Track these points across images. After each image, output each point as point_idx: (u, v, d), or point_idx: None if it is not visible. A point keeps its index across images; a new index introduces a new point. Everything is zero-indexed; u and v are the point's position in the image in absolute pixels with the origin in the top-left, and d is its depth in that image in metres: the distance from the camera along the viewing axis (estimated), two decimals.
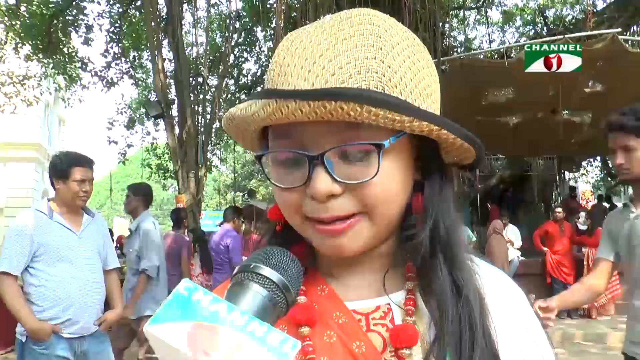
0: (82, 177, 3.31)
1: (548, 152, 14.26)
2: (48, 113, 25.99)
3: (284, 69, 0.67)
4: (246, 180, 29.33)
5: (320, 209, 0.67)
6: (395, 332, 0.69)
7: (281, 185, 0.69)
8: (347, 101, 0.60)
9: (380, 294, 0.73)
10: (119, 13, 14.81)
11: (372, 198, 0.66)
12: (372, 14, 0.70)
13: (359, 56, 0.64)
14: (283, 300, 0.60)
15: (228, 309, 0.53)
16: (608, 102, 8.96)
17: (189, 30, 13.85)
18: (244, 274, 0.60)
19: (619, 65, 7.66)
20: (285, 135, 0.67)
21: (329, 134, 0.65)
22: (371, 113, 0.61)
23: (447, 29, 13.79)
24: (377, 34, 0.67)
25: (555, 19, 16.45)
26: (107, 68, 15.09)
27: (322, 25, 0.69)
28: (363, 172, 0.65)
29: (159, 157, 17.73)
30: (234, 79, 16.91)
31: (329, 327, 0.71)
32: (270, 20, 14.31)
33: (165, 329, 0.51)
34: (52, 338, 3.16)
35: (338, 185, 0.65)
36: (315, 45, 0.66)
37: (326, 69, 0.64)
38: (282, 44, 0.70)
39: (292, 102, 0.62)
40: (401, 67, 0.66)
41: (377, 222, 0.69)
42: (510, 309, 0.74)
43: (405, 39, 0.70)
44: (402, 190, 0.70)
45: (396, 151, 0.67)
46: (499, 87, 9.35)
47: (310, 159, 0.65)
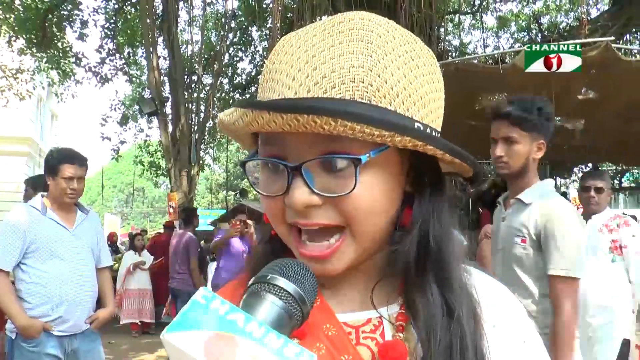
0: (71, 175, 3.26)
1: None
2: (41, 107, 25.82)
3: (272, 75, 0.67)
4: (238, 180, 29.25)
5: (299, 217, 0.66)
6: (385, 349, 0.68)
7: (264, 192, 0.69)
8: (320, 115, 0.58)
9: (371, 307, 0.72)
10: (114, 9, 14.77)
11: (351, 212, 0.65)
12: (366, 18, 0.67)
13: (345, 64, 0.62)
14: (299, 312, 0.60)
15: (246, 319, 0.53)
16: (601, 109, 9.03)
17: (184, 28, 13.84)
18: (260, 284, 0.60)
19: (612, 73, 7.69)
20: (270, 141, 0.67)
21: (309, 144, 0.63)
22: (347, 127, 0.59)
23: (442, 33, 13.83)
24: (368, 40, 0.64)
25: (550, 26, 16.53)
26: (101, 64, 15.03)
27: (314, 29, 0.67)
28: (341, 185, 0.64)
29: (152, 155, 17.66)
30: (228, 78, 16.87)
31: (318, 339, 0.70)
32: (266, 20, 14.31)
33: (183, 338, 0.51)
34: (42, 336, 3.14)
35: (317, 197, 0.64)
36: (302, 51, 0.65)
37: (310, 78, 0.62)
38: (276, 47, 0.69)
39: (266, 113, 0.60)
40: (393, 76, 0.64)
41: (360, 239, 0.67)
42: (508, 321, 0.73)
43: (404, 43, 0.67)
44: (386, 205, 0.68)
45: (379, 165, 0.65)
46: (493, 92, 9.37)
47: (289, 168, 0.64)
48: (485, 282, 0.76)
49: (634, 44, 13.86)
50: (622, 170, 21.83)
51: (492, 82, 8.43)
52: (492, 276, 0.80)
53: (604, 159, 16.82)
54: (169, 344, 0.52)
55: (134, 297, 9.27)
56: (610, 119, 9.43)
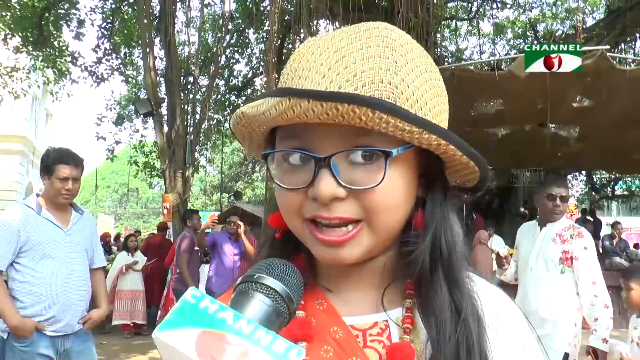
0: (66, 175, 3.25)
1: (534, 164, 14.38)
2: (35, 106, 25.76)
3: (298, 73, 0.68)
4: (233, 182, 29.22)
5: (321, 210, 0.67)
6: (392, 351, 0.69)
7: (284, 185, 0.69)
8: (360, 105, 0.60)
9: (378, 310, 0.73)
10: (111, 9, 14.74)
11: (375, 205, 0.66)
12: (389, 29, 0.71)
13: (374, 66, 0.65)
14: (286, 310, 0.61)
15: (235, 317, 0.54)
16: (595, 117, 9.08)
17: (181, 29, 13.81)
18: (248, 283, 0.62)
19: (606, 81, 7.74)
20: (293, 136, 0.68)
21: (337, 138, 0.66)
22: (382, 120, 0.61)
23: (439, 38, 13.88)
24: (392, 47, 0.68)
25: (546, 33, 16.61)
26: (97, 64, 14.98)
27: (340, 33, 0.70)
28: (368, 179, 0.66)
29: (147, 155, 17.61)
30: (224, 80, 16.86)
31: (326, 341, 0.71)
32: (263, 23, 14.32)
33: (174, 335, 0.53)
34: (34, 335, 3.12)
35: (343, 189, 0.65)
36: (331, 52, 0.67)
37: (341, 75, 0.64)
38: (299, 49, 0.71)
39: (305, 101, 0.62)
40: (413, 82, 0.67)
41: (377, 231, 0.69)
42: (509, 326, 0.74)
43: (419, 56, 0.71)
44: (404, 202, 0.70)
45: (402, 162, 0.68)
46: (489, 98, 9.42)
47: (317, 160, 0.65)
48: (486, 288, 0.77)
49: (628, 53, 13.95)
50: (615, 178, 21.94)
51: (488, 88, 8.47)
52: (491, 282, 0.81)
53: (597, 167, 16.91)
54: (161, 342, 0.53)
55: (127, 298, 9.23)
56: (604, 127, 9.48)
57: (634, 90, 7.97)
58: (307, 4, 9.37)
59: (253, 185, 28.57)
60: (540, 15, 17.43)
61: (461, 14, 16.99)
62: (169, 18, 11.47)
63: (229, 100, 17.40)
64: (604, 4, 15.57)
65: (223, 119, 17.66)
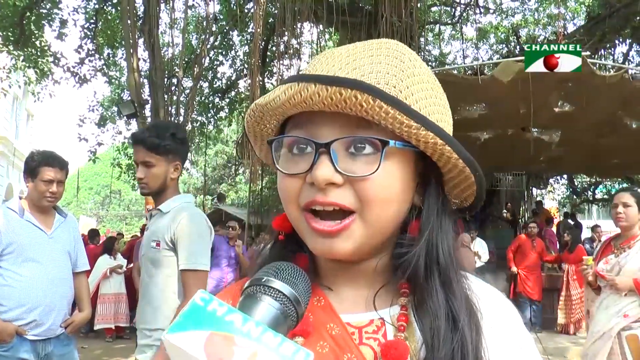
0: (50, 178, 3.23)
1: (517, 168, 14.52)
2: (16, 106, 25.41)
3: (310, 69, 0.74)
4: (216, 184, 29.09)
5: (318, 194, 0.69)
6: (387, 348, 0.71)
7: (286, 171, 0.72)
8: (362, 92, 0.64)
9: (374, 309, 0.75)
10: (94, 9, 14.60)
11: (369, 195, 0.69)
12: (401, 46, 0.76)
13: (382, 70, 0.70)
14: (294, 313, 0.62)
15: (243, 319, 0.55)
16: (576, 122, 9.20)
17: (165, 30, 13.73)
18: (256, 287, 0.62)
19: (587, 87, 7.85)
20: (299, 126, 0.72)
21: (339, 128, 0.69)
22: (382, 109, 0.65)
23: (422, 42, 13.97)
24: (401, 60, 0.73)
25: (528, 39, 16.79)
26: (80, 64, 14.82)
27: (355, 45, 0.75)
28: (365, 168, 0.69)
29: (130, 157, 17.47)
30: (208, 82, 16.80)
31: (322, 337, 0.73)
32: (247, 25, 14.29)
33: (183, 338, 0.53)
34: (15, 339, 3.08)
35: (339, 176, 0.68)
36: (344, 56, 0.72)
37: (349, 74, 0.69)
38: (316, 56, 0.78)
39: (312, 84, 0.66)
40: (417, 93, 0.71)
41: (370, 223, 0.71)
42: (505, 326, 0.77)
43: (426, 74, 0.75)
44: (398, 198, 0.72)
45: (399, 158, 0.71)
46: (472, 102, 9.49)
47: (317, 146, 0.68)
48: (483, 289, 0.80)
49: (608, 59, 14.16)
50: (596, 182, 22.22)
51: (471, 92, 8.53)
52: (488, 282, 0.84)
53: (578, 171, 17.13)
54: (170, 344, 0.54)
55: (110, 302, 9.14)
56: (585, 132, 9.61)
57: (612, 96, 8.10)
58: (291, 7, 9.38)
59: (236, 188, 28.47)
60: (523, 20, 17.62)
61: (444, 19, 17.10)
62: (153, 19, 11.40)
63: (212, 103, 17.34)
64: (584, 10, 15.78)
65: (207, 121, 17.60)
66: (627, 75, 8.02)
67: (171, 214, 2.74)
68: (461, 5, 16.12)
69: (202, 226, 2.75)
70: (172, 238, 2.66)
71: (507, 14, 17.67)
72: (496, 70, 8.14)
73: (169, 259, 2.67)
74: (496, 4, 17.37)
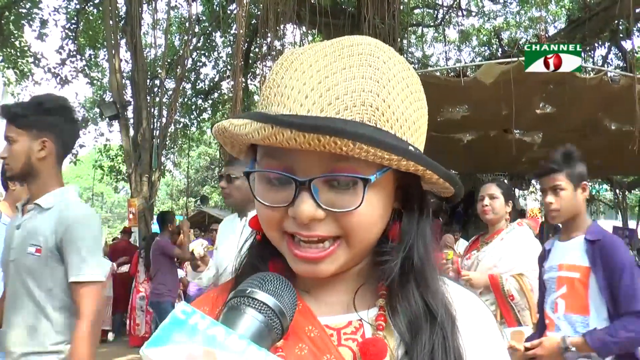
0: None
1: (499, 169, 14.63)
2: None
3: (281, 90, 0.69)
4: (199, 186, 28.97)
5: (301, 228, 0.68)
6: (365, 346, 0.70)
7: (265, 202, 0.71)
8: (342, 138, 0.62)
9: (352, 310, 0.75)
10: (76, 9, 14.47)
11: (353, 225, 0.69)
12: (373, 44, 0.72)
13: (356, 88, 0.66)
14: (278, 325, 0.61)
15: (226, 333, 0.53)
16: (557, 124, 9.29)
17: (147, 31, 13.65)
18: (240, 298, 0.61)
19: (568, 89, 7.93)
20: (275, 155, 0.69)
21: (317, 161, 0.67)
22: (363, 150, 0.63)
23: (405, 44, 14.04)
24: (375, 66, 0.69)
25: (510, 41, 16.97)
26: (61, 65, 14.69)
27: (324, 49, 0.71)
28: (347, 202, 0.67)
29: (112, 159, 17.33)
30: (191, 83, 16.73)
31: (301, 339, 0.72)
32: (230, 27, 14.26)
33: (163, 353, 0.51)
34: None
35: (322, 211, 0.67)
36: (315, 70, 0.68)
37: (323, 97, 0.65)
38: (281, 62, 0.72)
39: (287, 130, 0.63)
40: (395, 101, 0.68)
41: (354, 247, 0.71)
42: (478, 328, 0.77)
43: (402, 70, 0.72)
44: (381, 219, 0.72)
45: (380, 185, 0.70)
46: (455, 104, 9.55)
47: (298, 183, 0.67)
48: (459, 292, 0.80)
49: (588, 61, 14.35)
50: None
51: (453, 94, 8.58)
52: (465, 287, 0.84)
53: None
54: (149, 359, 0.52)
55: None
56: (566, 133, 9.69)
57: (593, 98, 8.20)
58: (274, 8, 9.36)
59: (219, 190, 28.36)
60: (505, 23, 17.81)
61: (427, 21, 17.23)
62: (135, 20, 11.32)
63: (195, 104, 17.28)
64: (565, 14, 15.99)
65: (190, 123, 17.53)
66: (607, 78, 8.13)
67: (54, 213, 2.21)
68: (444, 8, 16.25)
69: (96, 228, 2.29)
70: (57, 244, 2.16)
71: (489, 17, 17.86)
72: (478, 72, 8.21)
73: (53, 269, 2.18)
74: (478, 7, 17.53)
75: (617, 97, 8.17)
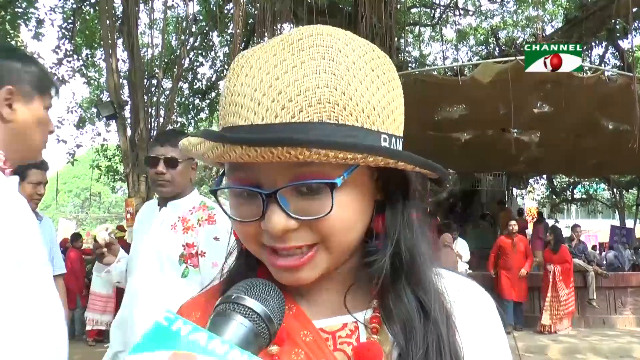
0: (38, 180, 3.24)
1: (497, 168, 14.66)
2: None
3: (234, 98, 0.66)
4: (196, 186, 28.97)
5: (277, 241, 0.66)
6: (360, 350, 0.69)
7: (237, 218, 0.69)
8: (294, 147, 0.59)
9: (347, 312, 0.73)
10: (72, 9, 14.43)
11: (328, 230, 0.66)
12: (325, 33, 0.67)
13: (310, 85, 0.62)
14: (266, 331, 0.60)
15: (208, 338, 0.53)
16: (555, 123, 9.32)
17: (144, 31, 13.64)
18: (227, 304, 0.60)
19: (565, 88, 7.95)
20: (240, 168, 0.66)
21: (282, 169, 0.64)
22: (321, 154, 0.60)
23: (402, 44, 14.04)
24: (330, 57, 0.64)
25: (507, 41, 16.99)
26: (58, 65, 14.64)
27: (273, 47, 0.66)
28: (317, 208, 0.64)
29: (109, 159, 17.31)
30: (188, 83, 16.72)
31: (297, 345, 0.71)
32: (227, 26, 14.25)
33: (145, 359, 0.51)
34: None
35: (294, 221, 0.65)
36: (265, 73, 0.64)
37: (276, 102, 0.62)
38: (233, 67, 0.68)
39: (238, 147, 0.61)
40: (357, 91, 0.64)
41: (334, 251, 0.69)
42: (479, 319, 0.76)
43: (363, 54, 0.67)
44: (360, 218, 0.70)
45: (352, 183, 0.66)
46: (452, 103, 9.56)
47: (264, 196, 0.64)
48: (457, 281, 0.78)
49: (585, 61, 14.35)
50: (575, 182, 22.53)
51: (451, 93, 8.60)
52: (465, 275, 0.82)
53: (557, 171, 17.34)
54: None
55: (100, 302, 9.06)
56: (563, 132, 9.73)
57: (589, 97, 8.22)
58: (271, 8, 9.37)
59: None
60: (502, 22, 17.82)
61: (424, 20, 17.23)
62: (132, 19, 11.29)
63: (192, 104, 17.26)
64: (562, 13, 16.00)
65: (187, 122, 17.49)
66: (604, 77, 8.15)
67: None
68: (441, 7, 16.25)
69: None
70: None
71: (486, 16, 17.85)
72: (476, 71, 8.22)
73: None
74: (475, 6, 17.54)
75: (615, 97, 8.20)
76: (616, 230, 15.57)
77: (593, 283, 9.89)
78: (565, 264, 9.40)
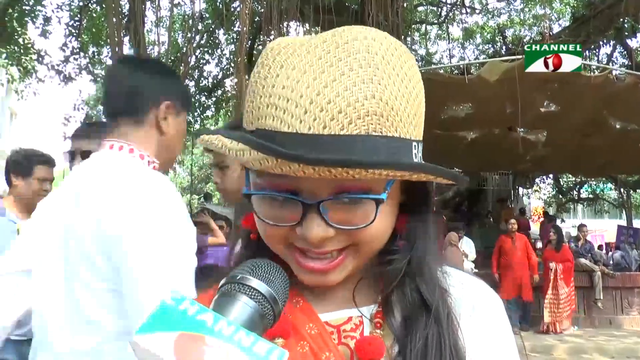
0: (46, 176, 3.26)
1: (503, 167, 14.61)
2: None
3: (273, 100, 0.64)
4: (203, 184, 28.98)
5: (312, 246, 0.67)
6: (362, 345, 0.70)
7: (270, 221, 0.68)
8: (352, 168, 0.60)
9: (353, 305, 0.75)
10: (79, 7, 14.45)
11: (365, 238, 0.68)
12: (369, 37, 0.67)
13: (359, 97, 0.62)
14: (270, 312, 0.60)
15: (215, 318, 0.53)
16: (561, 122, 9.28)
17: (150, 28, 13.65)
18: (232, 284, 0.60)
19: (572, 87, 7.92)
20: (279, 174, 0.64)
21: (325, 183, 0.63)
22: (375, 173, 0.61)
23: (409, 42, 14.00)
24: (375, 64, 0.64)
25: (514, 39, 16.91)
26: (64, 62, 14.68)
27: (317, 49, 0.65)
28: (359, 219, 0.66)
29: None
30: (194, 81, 16.72)
31: (302, 337, 0.72)
32: (233, 24, 14.24)
33: (152, 339, 0.51)
34: None
35: (332, 229, 0.65)
36: (310, 78, 0.63)
37: (325, 112, 0.61)
38: (269, 64, 0.66)
39: (295, 164, 0.60)
40: (397, 99, 0.64)
41: (364, 255, 0.70)
42: (486, 318, 0.76)
43: (399, 58, 0.67)
44: (392, 224, 0.72)
45: (389, 194, 0.67)
46: (458, 102, 9.53)
47: (306, 205, 0.64)
48: (464, 280, 0.79)
49: (592, 59, 14.29)
50: (581, 181, 22.44)
51: (457, 92, 8.57)
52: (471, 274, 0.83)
53: (563, 170, 17.27)
54: (138, 346, 0.52)
55: None
56: (570, 132, 9.68)
57: (597, 96, 8.17)
58: (278, 6, 9.36)
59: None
60: (509, 21, 17.75)
61: (431, 18, 17.17)
62: (138, 17, 11.31)
63: (199, 101, 17.26)
64: (569, 11, 15.92)
65: (193, 120, 17.50)
66: (612, 76, 8.11)
67: None
68: (447, 5, 16.19)
69: None
70: None
71: (493, 14, 17.78)
72: (482, 70, 8.18)
73: None
74: (482, 4, 17.47)
75: (622, 96, 8.15)
76: (623, 230, 15.47)
77: (599, 283, 9.86)
78: (567, 262, 9.40)
